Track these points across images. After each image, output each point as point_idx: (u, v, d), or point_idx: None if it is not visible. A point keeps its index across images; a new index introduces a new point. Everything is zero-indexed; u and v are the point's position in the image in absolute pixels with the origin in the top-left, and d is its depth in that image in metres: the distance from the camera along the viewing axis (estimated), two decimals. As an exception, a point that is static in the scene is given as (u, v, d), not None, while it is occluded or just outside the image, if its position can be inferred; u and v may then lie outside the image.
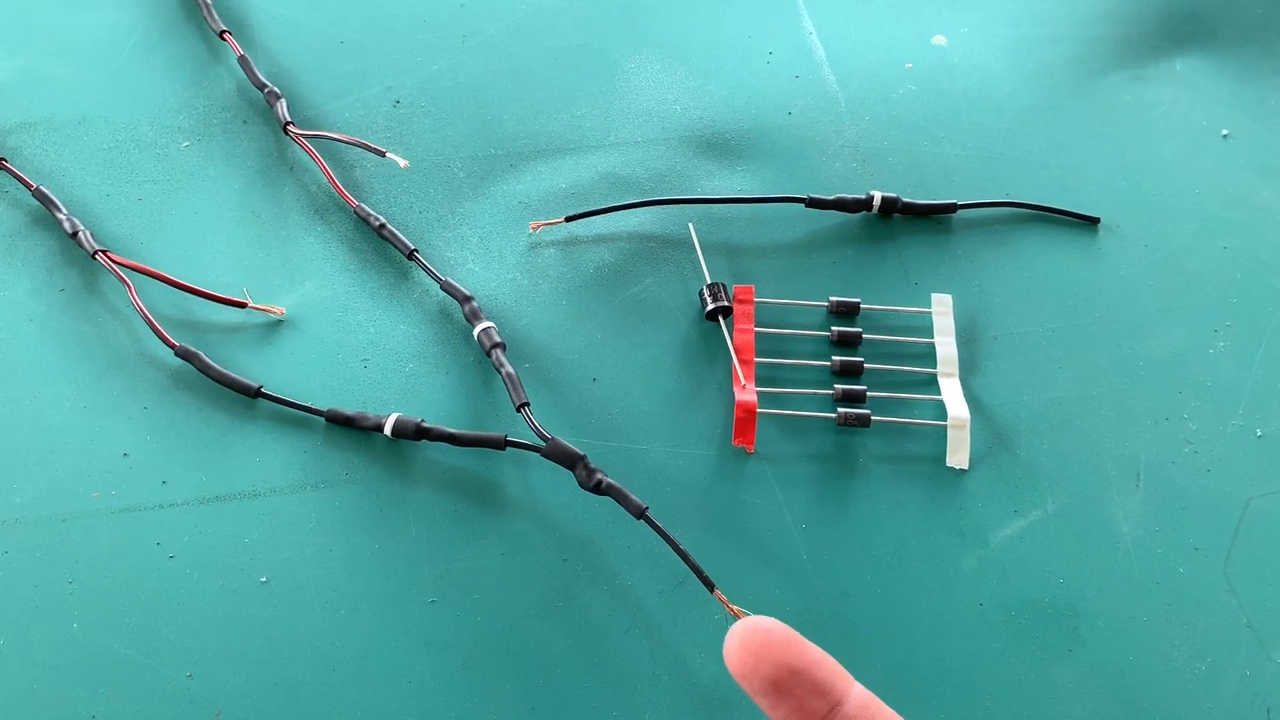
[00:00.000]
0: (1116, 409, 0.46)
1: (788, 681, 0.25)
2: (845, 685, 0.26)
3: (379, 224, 0.48)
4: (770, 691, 0.25)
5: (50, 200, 0.47)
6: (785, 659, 0.25)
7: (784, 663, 0.25)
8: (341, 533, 0.41)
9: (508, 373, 0.43)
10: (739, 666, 0.25)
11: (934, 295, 0.48)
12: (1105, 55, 0.58)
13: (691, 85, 0.55)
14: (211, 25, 0.54)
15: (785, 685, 0.25)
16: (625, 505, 0.40)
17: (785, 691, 0.25)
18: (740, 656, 0.25)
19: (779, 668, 0.25)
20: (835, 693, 0.25)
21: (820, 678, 0.25)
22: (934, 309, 0.48)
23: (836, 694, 0.25)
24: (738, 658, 0.25)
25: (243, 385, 0.43)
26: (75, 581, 0.39)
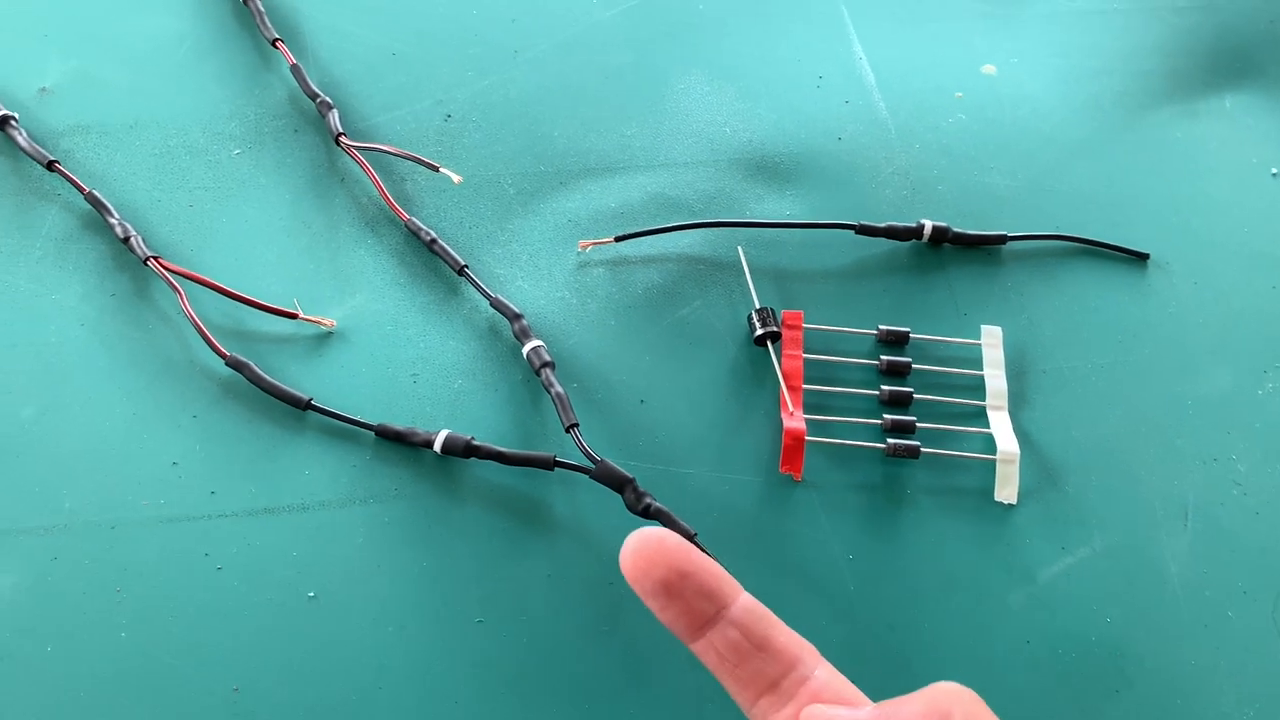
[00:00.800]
0: (1165, 448, 0.46)
1: (677, 584, 0.27)
2: (733, 591, 0.27)
3: (430, 239, 0.48)
4: (660, 593, 0.27)
5: (102, 204, 0.47)
6: (675, 563, 0.27)
7: (674, 566, 0.27)
8: (389, 549, 0.41)
9: (557, 392, 0.43)
10: (632, 569, 0.27)
11: (984, 327, 0.48)
12: (1155, 89, 0.58)
13: (741, 107, 0.55)
14: (264, 33, 0.54)
15: (675, 588, 0.27)
16: (673, 530, 0.40)
17: (675, 594, 0.27)
18: (634, 560, 0.27)
19: (669, 570, 0.26)
20: (723, 597, 0.27)
21: (708, 582, 0.27)
22: (984, 341, 0.47)
23: (724, 598, 0.27)
24: (631, 561, 0.27)
25: (293, 397, 0.43)
26: (123, 590, 0.39)
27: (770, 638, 0.28)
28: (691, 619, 0.27)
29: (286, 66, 0.53)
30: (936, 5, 0.60)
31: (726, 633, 0.27)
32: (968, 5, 0.60)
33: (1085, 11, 0.61)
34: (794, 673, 0.28)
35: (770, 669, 0.28)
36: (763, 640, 0.28)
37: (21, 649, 0.38)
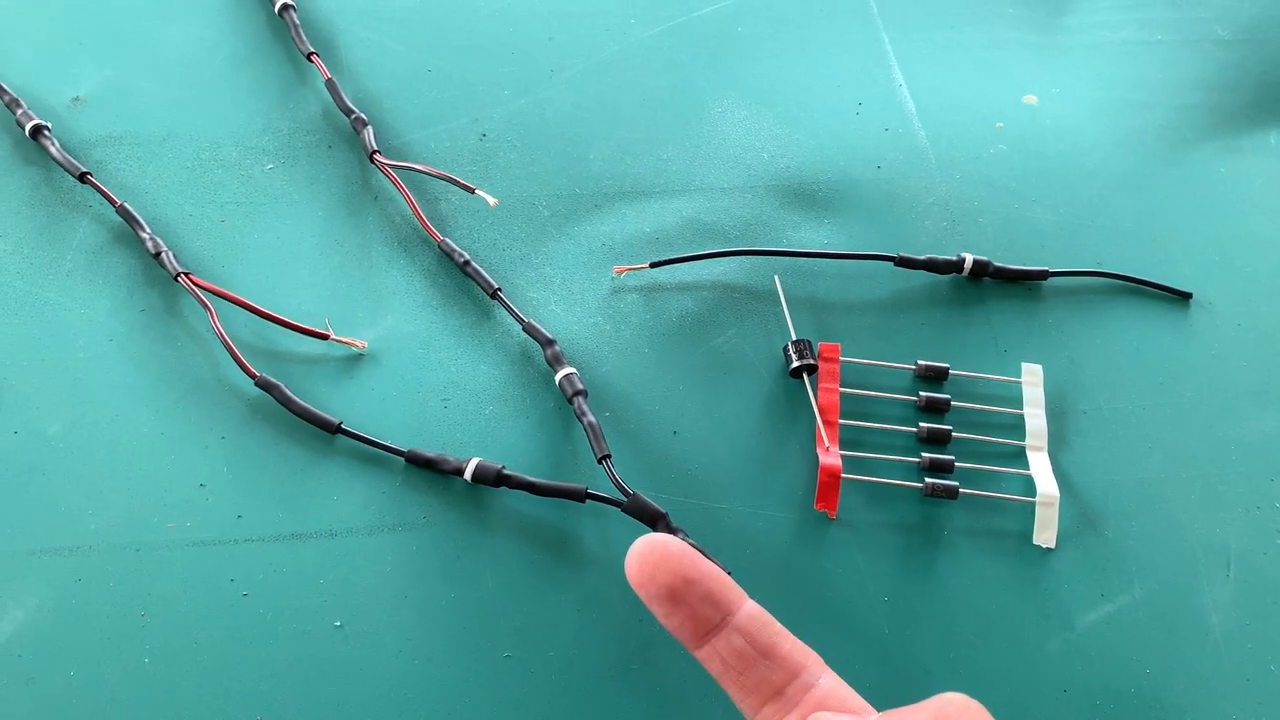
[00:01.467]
0: (1207, 494, 0.45)
1: (682, 590, 0.27)
2: (737, 598, 0.28)
3: (463, 260, 0.47)
4: (665, 599, 0.27)
5: (134, 218, 0.47)
6: (680, 569, 0.27)
7: (679, 573, 0.27)
8: (418, 579, 0.40)
9: (589, 422, 0.42)
10: (637, 575, 0.27)
11: (1024, 365, 0.47)
12: (1199, 124, 0.57)
13: (779, 133, 0.54)
14: (300, 46, 0.53)
15: (679, 594, 0.27)
16: None
17: (679, 600, 0.27)
18: (639, 566, 0.27)
19: (674, 577, 0.27)
20: (727, 604, 0.27)
21: (713, 589, 0.27)
22: (1024, 379, 0.47)
23: (729, 605, 0.27)
24: (636, 567, 0.27)
25: (323, 420, 0.42)
26: (148, 614, 0.38)
27: (775, 645, 0.28)
28: (696, 625, 0.28)
29: (321, 81, 0.53)
30: (978, 34, 0.59)
31: (731, 640, 0.28)
32: (1009, 34, 0.60)
33: (1128, 43, 0.60)
34: (798, 680, 0.28)
35: (775, 676, 0.28)
36: (767, 648, 0.28)
37: (44, 673, 0.37)
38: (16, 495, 0.41)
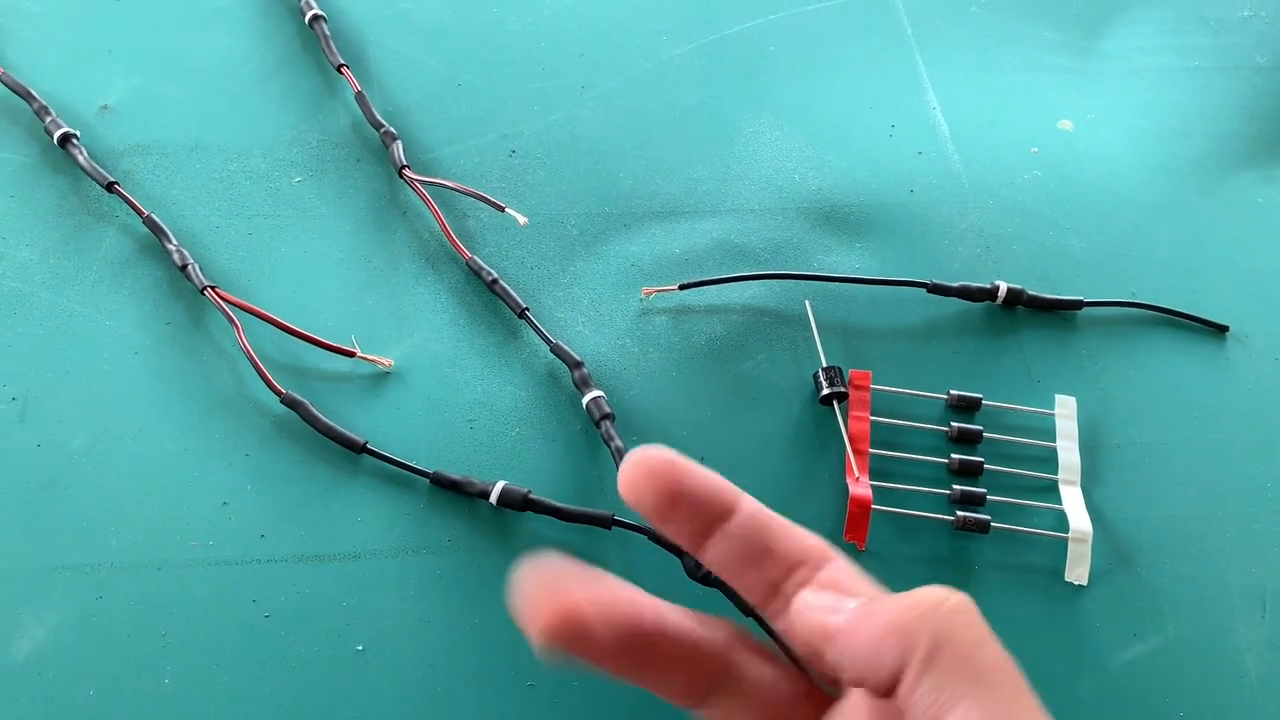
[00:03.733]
0: (1243, 532, 0.44)
1: (673, 499, 0.26)
2: (731, 500, 0.27)
3: (491, 279, 0.46)
4: (657, 511, 0.26)
5: (161, 230, 0.47)
6: (669, 479, 0.26)
7: (668, 482, 0.26)
8: (441, 603, 0.39)
9: (617, 447, 0.42)
10: (628, 490, 0.26)
11: (1058, 397, 0.46)
12: (1236, 153, 0.56)
13: (811, 154, 0.54)
14: (330, 58, 0.53)
15: (671, 503, 0.26)
16: (733, 601, 0.39)
17: (672, 509, 0.26)
18: (628, 481, 0.26)
19: (664, 486, 0.26)
20: (722, 507, 0.26)
21: (705, 495, 0.26)
22: (1057, 411, 0.46)
23: (723, 508, 0.26)
24: (626, 482, 0.26)
25: (348, 439, 0.42)
26: (169, 634, 0.38)
27: (772, 543, 0.27)
28: (692, 532, 0.27)
29: (350, 93, 0.52)
30: (1013, 57, 0.59)
31: (727, 543, 0.27)
32: (1045, 58, 0.59)
33: (1165, 69, 0.59)
34: (795, 575, 0.27)
35: (772, 574, 0.27)
36: (764, 547, 0.27)
37: (64, 693, 0.37)
38: (39, 510, 0.40)
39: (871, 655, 0.24)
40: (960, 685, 0.23)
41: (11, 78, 0.51)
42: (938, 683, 0.23)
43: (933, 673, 0.23)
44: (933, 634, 0.24)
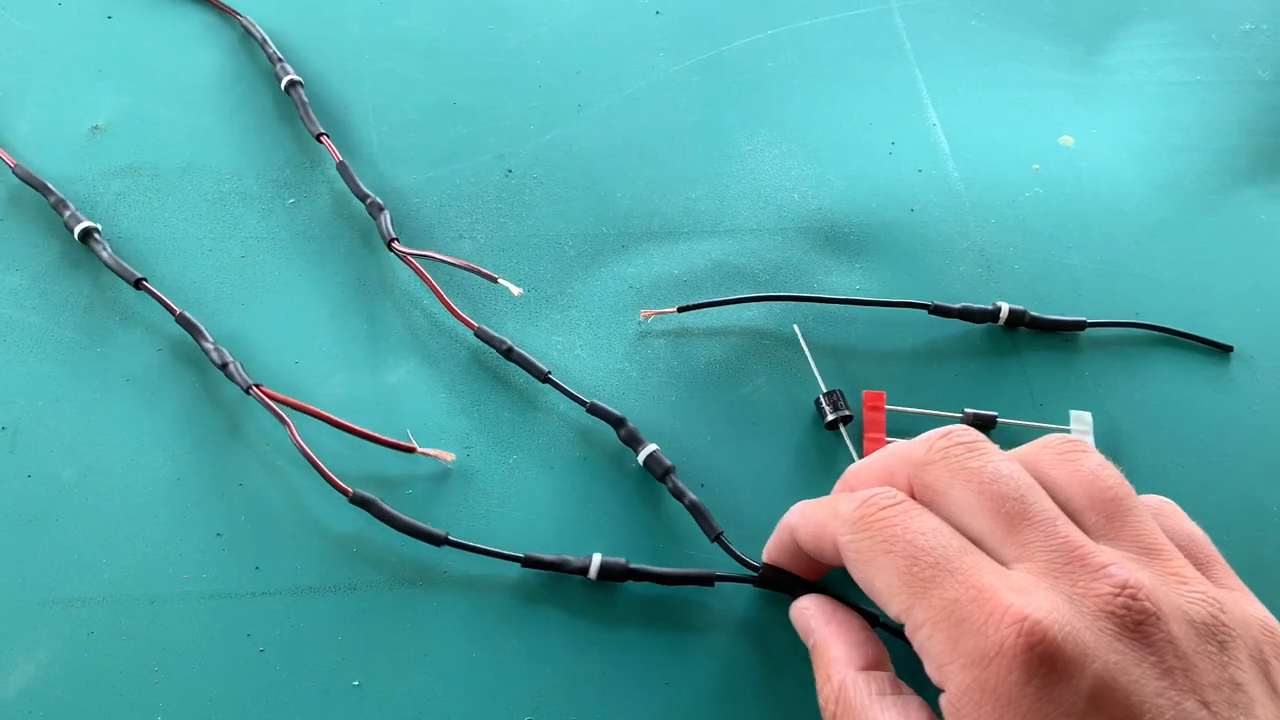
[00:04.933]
0: (1250, 560, 0.43)
1: None
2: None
3: (506, 347, 0.45)
4: None
5: (195, 327, 0.44)
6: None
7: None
8: (439, 637, 0.39)
9: (692, 501, 0.41)
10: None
11: (1073, 413, 0.46)
12: (1238, 169, 0.56)
13: (810, 173, 0.53)
14: (309, 128, 0.51)
15: None
16: None
17: None
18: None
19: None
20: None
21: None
22: (1073, 427, 0.45)
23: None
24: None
25: (429, 534, 0.40)
26: (161, 670, 0.37)
27: None
28: None
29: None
30: (1013, 71, 0.58)
31: None
32: (1046, 73, 0.58)
33: (1166, 83, 0.59)
34: None
35: None
36: None
37: (55, 733, 0.36)
38: (28, 542, 0.40)
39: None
40: None
41: (26, 170, 0.48)
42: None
43: None
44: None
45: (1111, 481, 0.31)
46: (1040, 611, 0.26)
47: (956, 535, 0.29)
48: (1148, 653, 0.26)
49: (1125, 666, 0.26)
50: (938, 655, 0.28)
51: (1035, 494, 0.30)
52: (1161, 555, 0.30)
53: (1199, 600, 0.29)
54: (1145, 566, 0.29)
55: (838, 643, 0.33)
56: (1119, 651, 0.26)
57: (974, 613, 0.27)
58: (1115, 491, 0.31)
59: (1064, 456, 0.32)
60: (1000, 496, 0.30)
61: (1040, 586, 0.27)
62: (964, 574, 0.28)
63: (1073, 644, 0.26)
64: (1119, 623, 0.27)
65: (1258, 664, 0.28)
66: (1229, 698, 0.27)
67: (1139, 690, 0.26)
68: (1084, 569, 0.28)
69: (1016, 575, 0.28)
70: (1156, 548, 0.30)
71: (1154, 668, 0.26)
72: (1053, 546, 0.28)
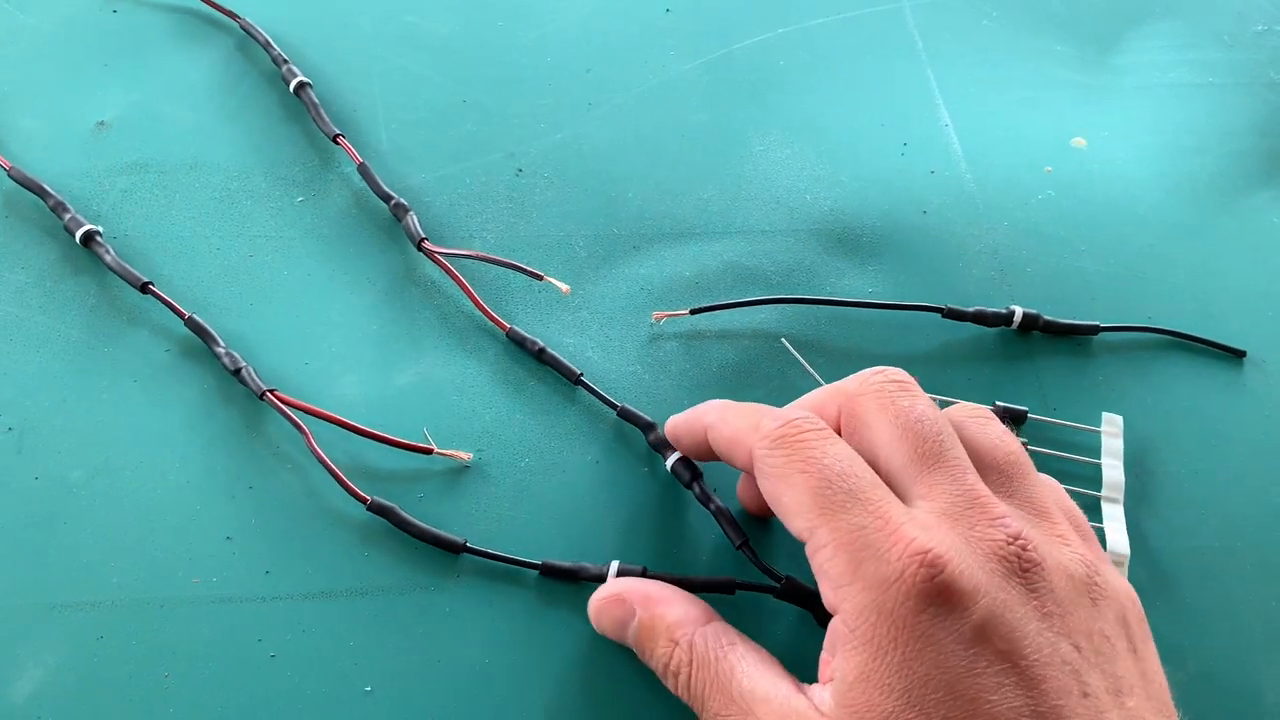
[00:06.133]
0: (1262, 565, 0.43)
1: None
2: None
3: (538, 348, 0.44)
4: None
5: (206, 331, 0.44)
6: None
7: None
8: (451, 642, 0.38)
9: (718, 507, 0.40)
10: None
11: (1105, 415, 0.46)
12: (1251, 171, 0.55)
13: (822, 173, 0.53)
14: (324, 129, 0.50)
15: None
16: None
17: None
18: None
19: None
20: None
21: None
22: (1104, 429, 0.45)
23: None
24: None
25: (447, 541, 0.40)
26: (172, 675, 0.37)
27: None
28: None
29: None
30: (1025, 72, 0.58)
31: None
32: (1058, 73, 0.58)
33: (1178, 84, 0.59)
34: None
35: None
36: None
37: (64, 739, 0.36)
38: (37, 545, 0.39)
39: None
40: None
41: (22, 173, 0.47)
42: None
43: None
44: None
45: (1015, 448, 0.34)
46: (941, 547, 0.29)
47: (869, 470, 0.31)
48: (1031, 596, 0.29)
49: (1011, 604, 0.29)
50: (837, 576, 0.30)
51: (952, 441, 0.32)
52: (1050, 518, 0.33)
53: (1079, 560, 0.31)
54: (1035, 525, 0.32)
55: (673, 608, 0.35)
56: (1006, 591, 0.29)
57: (879, 540, 0.29)
58: (1017, 457, 0.34)
59: (975, 419, 0.34)
60: (921, 436, 0.32)
61: (942, 525, 0.30)
62: (873, 505, 0.30)
63: (967, 579, 0.28)
64: (1009, 566, 0.29)
65: (1122, 624, 0.31)
66: (1097, 646, 0.30)
67: (1021, 627, 0.28)
68: (983, 515, 0.30)
69: (921, 513, 0.30)
70: (1046, 511, 0.33)
71: (1035, 610, 0.29)
72: (958, 491, 0.31)
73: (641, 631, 0.35)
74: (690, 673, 0.33)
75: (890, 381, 0.33)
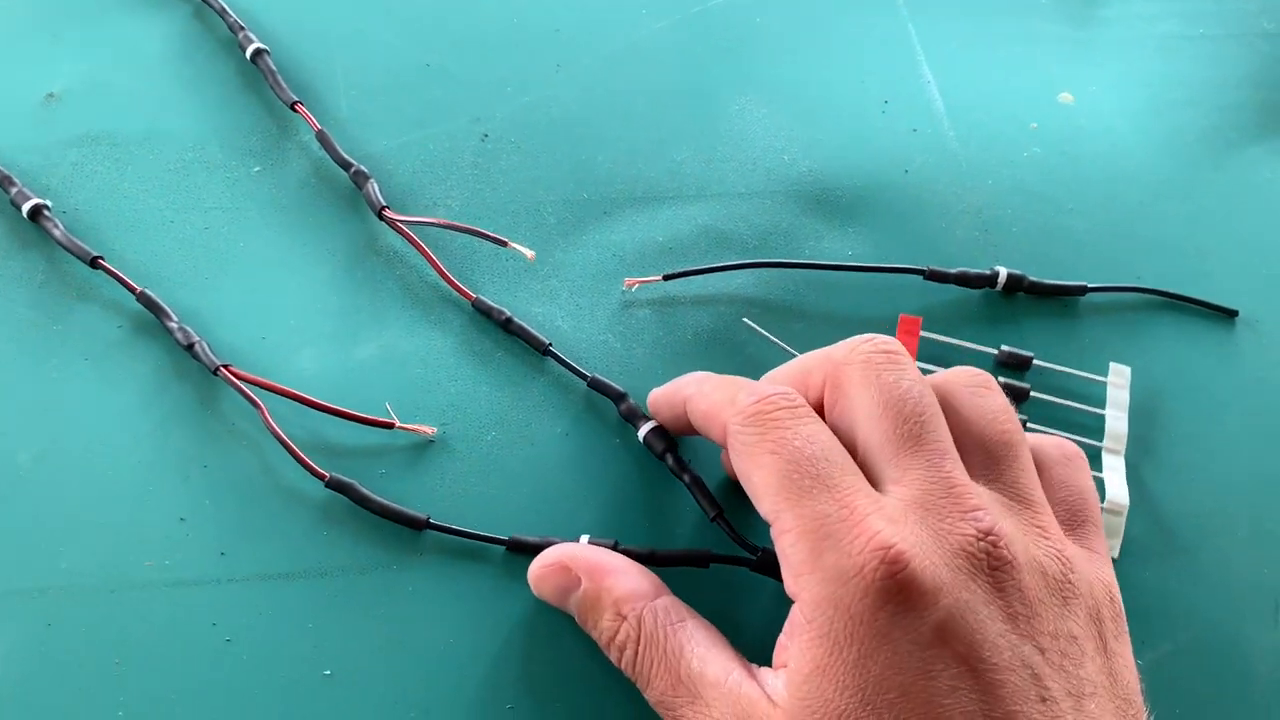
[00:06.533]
0: (1254, 531, 0.42)
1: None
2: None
3: (505, 318, 0.43)
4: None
5: (158, 306, 0.42)
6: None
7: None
8: (414, 623, 0.37)
9: (693, 477, 0.39)
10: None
11: (1113, 365, 0.44)
12: (1244, 125, 0.54)
13: (800, 133, 0.51)
14: (281, 96, 0.49)
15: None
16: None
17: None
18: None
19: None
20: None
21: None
22: (1111, 379, 0.44)
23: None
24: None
25: (409, 517, 0.38)
26: (124, 663, 0.36)
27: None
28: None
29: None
30: (1009, 25, 0.56)
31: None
32: (1043, 27, 0.56)
33: (1168, 36, 0.57)
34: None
35: None
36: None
37: (11, 729, 0.34)
38: (-17, 530, 0.38)
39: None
40: None
41: None
42: None
43: None
44: None
45: (1008, 426, 0.32)
46: (905, 543, 0.27)
47: (843, 452, 0.30)
48: (997, 596, 0.28)
49: (974, 605, 0.27)
50: (798, 564, 0.29)
51: (935, 422, 0.31)
52: (1032, 506, 0.31)
53: (1054, 556, 0.30)
54: (1014, 514, 0.31)
55: (621, 580, 0.34)
56: (971, 590, 0.28)
57: (842, 530, 0.28)
58: (1008, 436, 0.32)
59: (973, 390, 0.33)
60: (902, 415, 0.30)
61: (910, 518, 0.29)
62: (840, 492, 0.29)
63: (929, 577, 0.27)
64: (976, 564, 0.28)
65: (1094, 622, 0.30)
66: (1063, 648, 0.29)
67: (983, 629, 0.27)
68: (956, 506, 0.29)
69: (890, 502, 0.29)
70: (1029, 499, 0.32)
71: (1001, 610, 0.28)
72: (932, 479, 0.29)
73: (585, 601, 0.34)
74: (637, 650, 0.32)
75: (878, 352, 0.32)
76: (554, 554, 0.35)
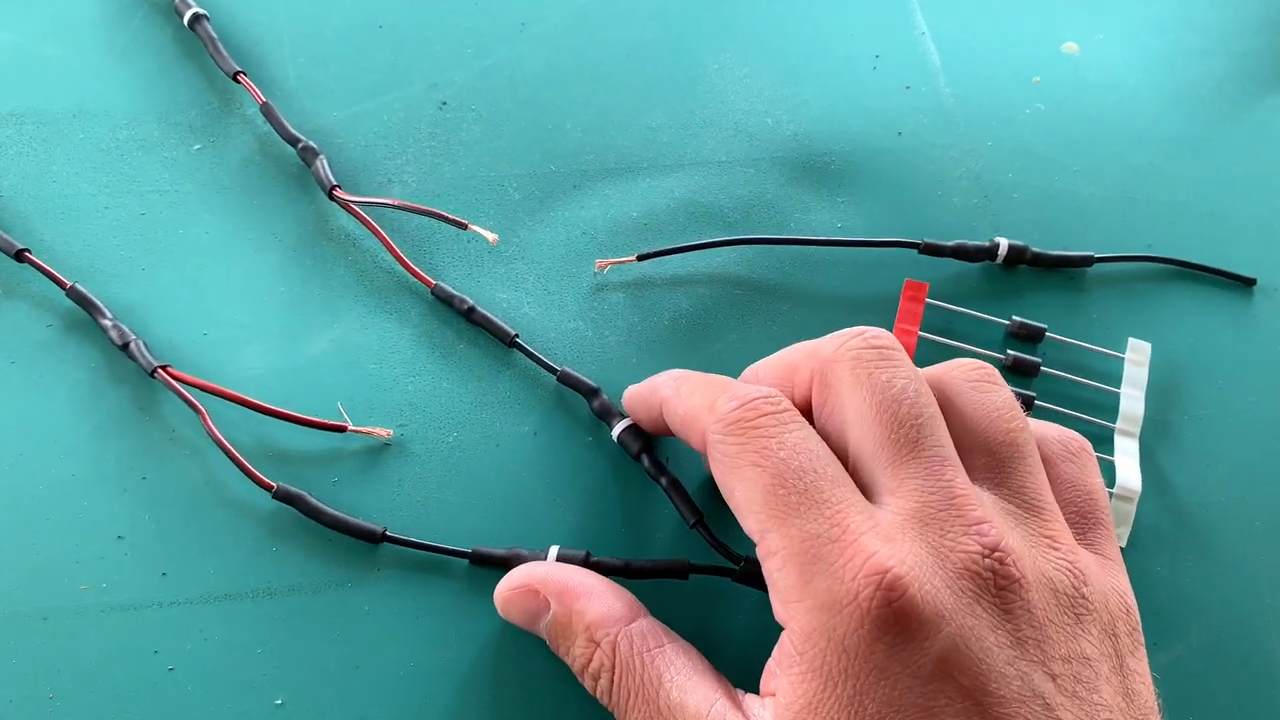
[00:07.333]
0: (1273, 521, 0.39)
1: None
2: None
3: (467, 308, 0.40)
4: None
5: (92, 304, 0.39)
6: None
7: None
8: (370, 645, 0.34)
9: (671, 481, 0.36)
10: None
11: (1131, 340, 0.42)
12: (1263, 74, 0.50)
13: (785, 93, 0.47)
14: (222, 66, 0.45)
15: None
16: None
17: None
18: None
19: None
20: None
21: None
22: (1129, 356, 0.41)
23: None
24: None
25: (364, 530, 0.35)
26: (57, 696, 0.33)
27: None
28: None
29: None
30: (1010, -30, 0.52)
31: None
32: (1047, -30, 0.52)
33: (1181, -22, 0.53)
34: None
35: None
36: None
37: (-66, 775, 0.32)
38: (-97, 554, 0.35)
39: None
40: None
41: None
42: None
43: None
44: None
45: (1013, 424, 0.30)
46: (903, 566, 0.25)
47: (833, 462, 0.28)
48: (1004, 619, 0.26)
49: (980, 632, 0.25)
50: (786, 590, 0.26)
51: (933, 425, 0.28)
52: (1041, 514, 0.29)
53: (1065, 569, 0.28)
54: (1021, 524, 0.29)
55: (593, 603, 0.31)
56: (976, 615, 0.26)
57: (833, 553, 0.26)
58: (1014, 436, 0.30)
59: (974, 385, 0.30)
60: (897, 419, 0.28)
61: (907, 535, 0.26)
62: (831, 508, 0.26)
63: (930, 604, 0.25)
64: (981, 584, 0.26)
65: (1109, 639, 0.28)
66: (1076, 672, 0.26)
67: (988, 658, 0.25)
68: (958, 520, 0.27)
69: (885, 517, 0.27)
70: (1037, 505, 0.29)
71: (1008, 635, 0.26)
72: (932, 489, 0.27)
73: (556, 628, 0.31)
74: (612, 679, 0.30)
75: (869, 348, 0.29)
76: (520, 575, 0.32)
